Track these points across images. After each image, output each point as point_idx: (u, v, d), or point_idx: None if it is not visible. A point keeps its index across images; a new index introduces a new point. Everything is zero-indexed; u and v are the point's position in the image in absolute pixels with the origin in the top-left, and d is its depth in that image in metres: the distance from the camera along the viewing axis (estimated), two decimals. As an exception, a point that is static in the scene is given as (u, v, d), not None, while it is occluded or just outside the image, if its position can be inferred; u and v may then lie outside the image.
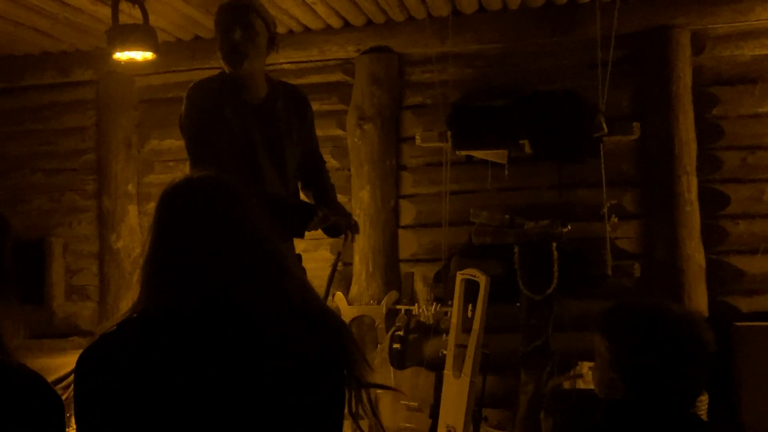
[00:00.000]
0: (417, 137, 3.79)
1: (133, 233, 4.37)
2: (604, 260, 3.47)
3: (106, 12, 3.51)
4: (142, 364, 1.16)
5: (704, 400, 3.02)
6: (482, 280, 2.98)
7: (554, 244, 3.35)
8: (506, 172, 3.64)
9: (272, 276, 1.25)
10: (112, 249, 4.33)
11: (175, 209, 1.28)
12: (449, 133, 3.58)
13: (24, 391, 1.17)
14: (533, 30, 3.86)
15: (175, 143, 4.36)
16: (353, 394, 1.28)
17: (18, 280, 1.33)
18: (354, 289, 3.99)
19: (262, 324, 1.21)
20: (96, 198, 4.41)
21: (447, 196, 3.73)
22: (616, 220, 3.54)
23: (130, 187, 4.37)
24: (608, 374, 1.51)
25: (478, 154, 3.67)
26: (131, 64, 3.72)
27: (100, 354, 1.22)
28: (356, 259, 4.00)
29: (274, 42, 2.37)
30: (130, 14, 3.49)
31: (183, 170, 4.33)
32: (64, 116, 4.52)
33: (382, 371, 3.45)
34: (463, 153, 3.66)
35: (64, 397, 1.34)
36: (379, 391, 1.42)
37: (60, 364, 3.56)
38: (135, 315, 1.25)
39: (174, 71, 4.23)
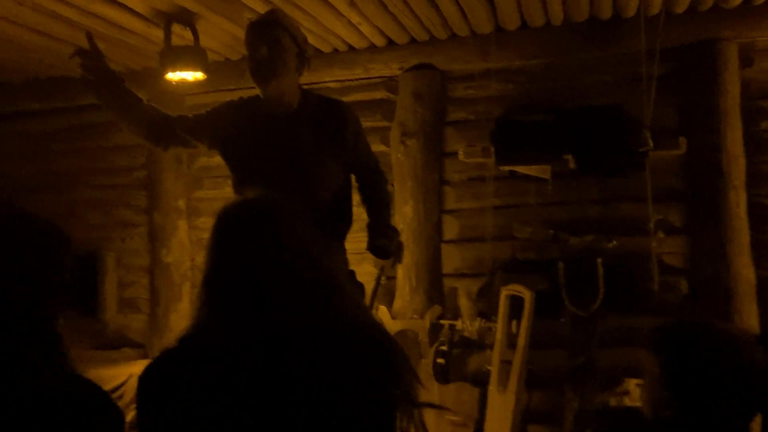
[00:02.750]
0: (460, 152, 3.82)
1: (183, 248, 4.49)
2: (650, 276, 3.43)
3: (158, 34, 3.64)
4: (201, 382, 1.21)
5: (758, 420, 2.96)
6: (527, 295, 2.98)
7: (599, 260, 3.34)
8: (550, 186, 3.64)
9: (325, 296, 1.28)
10: (162, 263, 4.45)
11: (229, 230, 1.33)
12: (492, 148, 3.60)
13: (87, 404, 1.20)
14: (576, 45, 3.86)
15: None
16: (404, 413, 1.30)
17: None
18: (397, 303, 4.02)
19: (315, 344, 1.23)
20: (147, 213, 4.54)
21: (490, 211, 3.75)
22: (662, 235, 3.51)
23: (180, 203, 4.49)
24: (659, 392, 1.51)
25: (522, 169, 3.67)
26: (182, 84, 3.84)
27: (162, 370, 1.27)
28: (400, 273, 4.03)
29: (304, 57, 2.35)
30: (181, 36, 3.62)
31: (231, 186, 4.46)
32: (116, 134, 4.66)
33: (425, 386, 3.46)
34: (507, 168, 3.67)
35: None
36: (423, 406, 1.44)
37: (112, 375, 3.68)
38: (193, 333, 1.30)
39: (222, 90, 4.34)
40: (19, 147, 4.79)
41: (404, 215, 4.02)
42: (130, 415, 1.38)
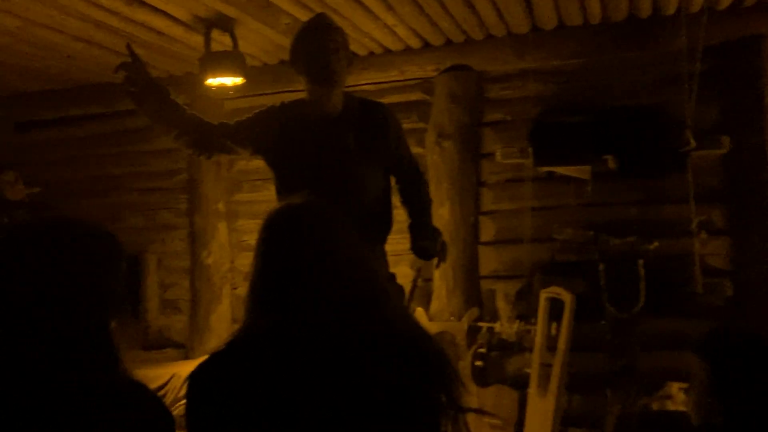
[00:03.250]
0: (497, 153, 3.80)
1: (223, 249, 4.55)
2: (693, 278, 3.37)
3: (198, 39, 3.70)
4: (249, 385, 1.23)
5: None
6: (567, 298, 2.96)
7: (641, 261, 3.29)
8: (589, 187, 3.60)
9: (370, 301, 1.29)
10: (203, 264, 4.53)
11: (276, 235, 1.35)
12: (530, 148, 3.58)
13: (139, 407, 1.21)
14: (615, 44, 3.81)
15: (262, 163, 4.51)
16: (449, 418, 1.30)
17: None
18: (434, 305, 4.02)
19: (361, 348, 1.24)
20: (188, 216, 4.62)
21: (528, 213, 3.72)
22: (705, 236, 3.45)
23: (220, 206, 4.56)
24: (706, 398, 1.49)
25: (560, 169, 3.64)
26: (221, 89, 3.90)
27: (211, 372, 1.30)
28: (436, 275, 4.02)
29: (351, 62, 2.40)
30: (220, 42, 3.67)
31: (270, 189, 4.51)
32: (157, 138, 4.75)
33: (468, 390, 3.46)
34: (545, 169, 3.64)
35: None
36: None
37: (155, 375, 3.75)
38: (242, 335, 1.33)
39: (260, 94, 4.39)
40: (63, 153, 4.92)
41: (440, 217, 4.01)
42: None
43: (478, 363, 3.51)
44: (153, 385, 3.58)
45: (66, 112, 4.85)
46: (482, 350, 3.52)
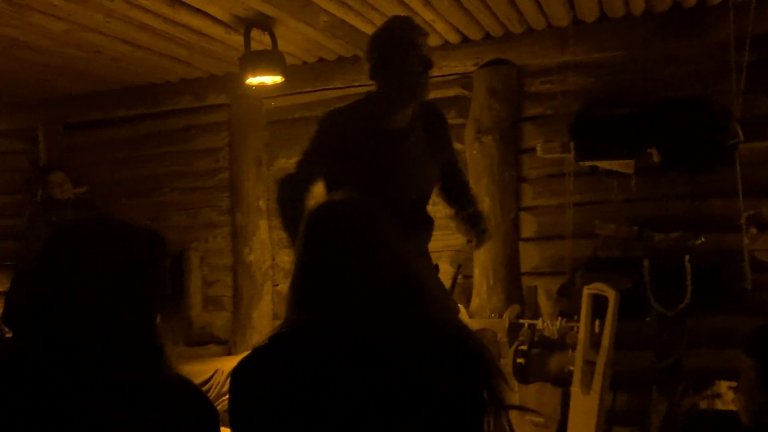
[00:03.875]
0: (538, 148, 3.76)
1: (264, 247, 4.60)
2: (742, 274, 3.28)
3: (238, 39, 3.75)
4: (290, 380, 1.24)
5: None
6: (611, 295, 2.90)
7: (687, 257, 3.21)
8: (633, 182, 3.53)
9: (413, 298, 1.29)
10: (245, 262, 4.59)
11: (318, 232, 1.35)
12: (572, 143, 3.52)
13: (185, 401, 1.23)
14: (658, 35, 3.72)
15: (301, 160, 4.56)
16: (493, 415, 1.29)
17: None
18: (475, 302, 4.00)
19: (402, 345, 1.24)
20: (230, 214, 4.69)
21: (570, 208, 3.67)
22: (754, 231, 3.34)
23: (261, 203, 4.61)
24: (756, 397, 1.45)
25: (603, 164, 3.58)
26: (261, 88, 3.95)
27: (253, 367, 1.31)
28: (476, 272, 4.00)
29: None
30: (260, 41, 3.71)
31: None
32: (199, 138, 4.85)
33: (512, 388, 3.43)
34: (587, 163, 3.59)
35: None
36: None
37: (199, 370, 3.81)
38: (284, 331, 1.34)
39: (299, 93, 4.44)
40: (109, 153, 5.04)
41: (481, 213, 3.99)
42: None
43: (520, 360, 3.47)
44: (197, 381, 3.61)
45: (111, 113, 4.97)
46: (524, 347, 3.48)
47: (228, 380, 3.44)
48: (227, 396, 1.34)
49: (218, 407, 1.35)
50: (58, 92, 4.88)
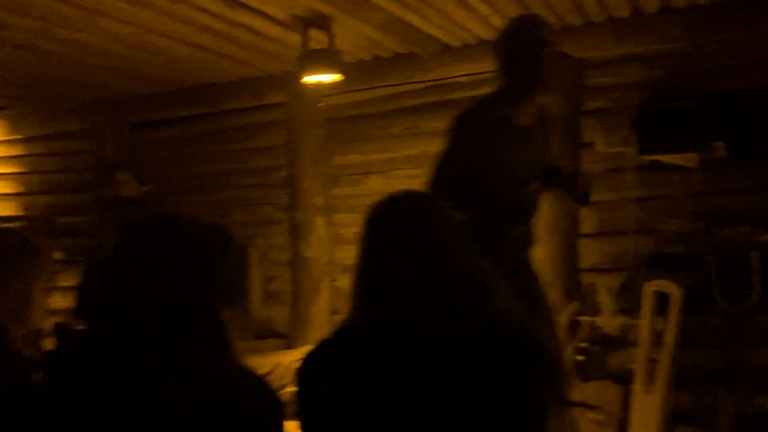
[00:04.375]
0: (598, 142, 3.69)
1: (321, 243, 4.66)
2: (815, 271, 3.15)
3: (295, 38, 3.80)
4: (355, 371, 1.26)
5: None
6: (675, 291, 2.84)
7: (755, 253, 3.11)
8: (698, 176, 3.43)
9: (477, 293, 1.29)
10: (303, 257, 4.65)
11: (377, 227, 1.37)
12: (634, 136, 3.45)
13: (251, 393, 1.26)
14: (722, 24, 3.59)
15: (358, 158, 4.61)
16: (556, 413, 1.29)
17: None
18: (533, 299, 3.95)
19: (466, 340, 1.25)
20: (288, 211, 4.76)
21: (632, 203, 3.59)
22: (827, 226, 3.21)
23: (318, 200, 4.67)
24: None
25: (666, 158, 3.49)
26: (318, 86, 3.99)
27: (321, 359, 1.34)
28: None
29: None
30: (317, 39, 3.75)
31: (366, 183, 4.59)
32: (258, 137, 4.94)
33: (575, 385, 3.37)
34: (650, 157, 3.50)
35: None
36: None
37: (259, 364, 3.87)
38: (349, 324, 1.36)
39: (355, 90, 4.47)
40: (172, 152, 5.19)
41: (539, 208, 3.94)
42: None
43: (579, 357, 3.42)
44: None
45: (174, 113, 5.11)
46: (583, 344, 3.43)
47: (286, 374, 3.51)
48: (286, 389, 1.37)
49: (279, 400, 1.38)
50: (123, 93, 5.05)
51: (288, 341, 4.67)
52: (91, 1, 3.24)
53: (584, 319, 3.58)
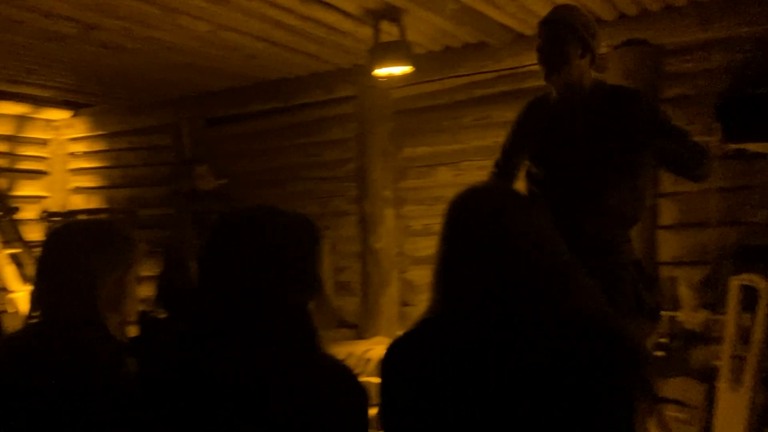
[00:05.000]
0: (678, 131, 3.55)
1: (391, 235, 4.69)
2: None
3: (365, 32, 3.82)
4: (438, 363, 1.27)
5: None
6: (763, 285, 2.72)
7: None
8: (788, 165, 3.27)
9: (560, 287, 1.27)
10: (372, 249, 4.69)
11: (460, 218, 1.36)
12: (718, 124, 3.31)
13: (337, 380, 1.28)
14: (816, 4, 3.41)
15: (427, 150, 4.61)
16: (644, 409, 1.26)
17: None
18: (609, 292, 3.86)
19: (550, 334, 1.23)
20: (358, 203, 4.81)
21: (715, 194, 3.45)
22: None
23: (388, 192, 4.69)
24: None
25: (752, 146, 3.33)
26: (388, 78, 4.00)
27: (404, 350, 1.35)
28: (610, 260, 3.86)
29: (588, 48, 2.41)
30: (388, 32, 3.76)
31: (435, 175, 4.58)
32: (329, 130, 5.00)
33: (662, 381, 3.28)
34: (735, 146, 3.35)
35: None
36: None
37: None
38: (430, 316, 1.36)
39: (425, 82, 4.46)
40: (244, 146, 5.31)
41: (615, 200, 3.84)
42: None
43: (659, 353, 3.32)
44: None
45: (247, 108, 5.22)
46: (663, 340, 3.33)
47: (359, 363, 3.54)
48: (360, 378, 1.37)
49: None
50: (198, 89, 5.20)
51: (358, 332, 4.72)
52: (172, 0, 3.34)
53: (664, 313, 3.47)
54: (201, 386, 1.21)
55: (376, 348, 3.94)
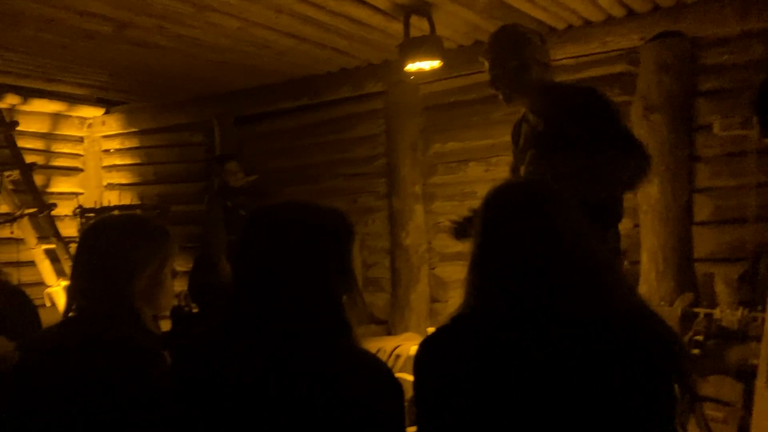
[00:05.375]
0: (715, 125, 3.49)
1: (420, 231, 4.67)
2: None
3: (395, 27, 3.81)
4: (473, 358, 1.25)
5: None
6: (805, 283, 2.64)
7: None
8: (829, 159, 3.18)
9: (599, 282, 1.25)
10: (402, 245, 4.68)
11: (496, 213, 1.35)
12: (756, 118, 3.22)
13: (372, 374, 1.27)
14: None
15: (457, 145, 4.58)
16: (684, 407, 1.23)
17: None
18: (642, 289, 3.80)
19: (589, 329, 1.21)
20: (387, 198, 4.80)
21: (753, 189, 3.37)
22: None
23: (417, 188, 4.68)
24: None
25: (792, 141, 3.25)
26: (418, 74, 3.99)
27: (438, 345, 1.34)
28: (644, 257, 3.80)
29: (526, 65, 2.49)
30: (418, 27, 3.75)
31: (465, 171, 4.55)
32: (358, 126, 5.00)
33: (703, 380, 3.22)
34: (774, 141, 3.27)
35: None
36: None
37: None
38: (465, 312, 1.35)
39: (454, 77, 4.43)
40: (276, 143, 5.34)
41: (648, 195, 3.78)
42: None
43: (695, 351, 3.26)
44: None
45: (276, 105, 5.25)
46: (699, 338, 3.26)
47: (390, 359, 3.51)
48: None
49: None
50: (229, 87, 5.24)
51: (388, 327, 4.72)
52: (203, -3, 3.37)
53: (700, 311, 3.41)
54: (236, 381, 1.21)
55: (405, 344, 3.93)
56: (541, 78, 2.52)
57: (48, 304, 5.12)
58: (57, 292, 5.18)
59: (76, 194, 6.12)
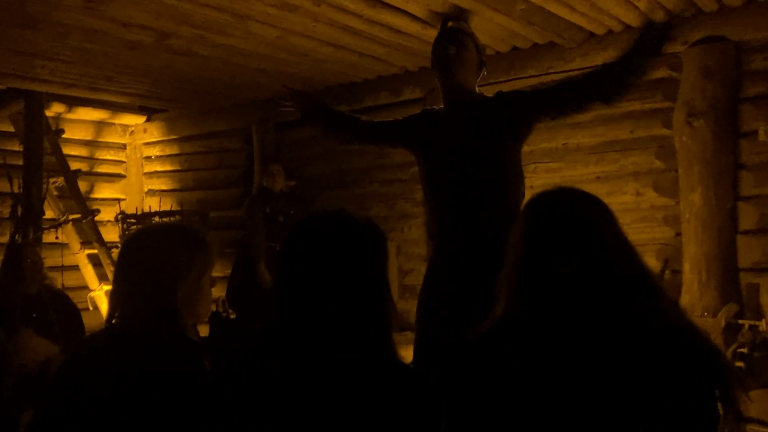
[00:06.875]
0: (760, 131, 3.42)
1: (457, 238, 4.64)
2: None
3: (433, 34, 3.75)
4: (510, 364, 1.24)
5: None
6: None
7: None
8: None
9: (642, 292, 1.23)
10: (438, 252, 4.66)
11: (544, 220, 1.33)
12: (803, 125, 3.15)
13: (408, 385, 1.27)
14: None
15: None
16: (728, 425, 1.20)
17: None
18: (684, 299, 3.72)
19: (635, 341, 1.19)
20: (423, 205, 4.78)
21: (801, 198, 3.28)
22: None
23: (453, 195, 4.66)
24: None
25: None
26: (456, 80, 3.97)
27: (472, 353, 1.33)
28: (686, 266, 3.72)
29: (483, 64, 2.68)
30: (455, 34, 3.73)
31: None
32: (395, 132, 4.99)
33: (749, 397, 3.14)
34: (822, 148, 3.18)
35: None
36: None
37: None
38: (503, 320, 1.34)
39: (493, 83, 4.39)
40: (315, 150, 5.37)
41: (691, 203, 3.71)
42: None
43: (739, 364, 3.18)
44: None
45: (315, 111, 5.28)
46: (743, 350, 3.18)
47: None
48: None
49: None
50: (267, 94, 5.29)
51: (424, 335, 4.70)
52: (243, 7, 3.42)
53: (744, 322, 3.32)
54: (275, 390, 1.23)
55: (441, 351, 3.91)
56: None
57: (90, 307, 5.25)
58: (99, 296, 5.30)
59: (119, 200, 6.27)
